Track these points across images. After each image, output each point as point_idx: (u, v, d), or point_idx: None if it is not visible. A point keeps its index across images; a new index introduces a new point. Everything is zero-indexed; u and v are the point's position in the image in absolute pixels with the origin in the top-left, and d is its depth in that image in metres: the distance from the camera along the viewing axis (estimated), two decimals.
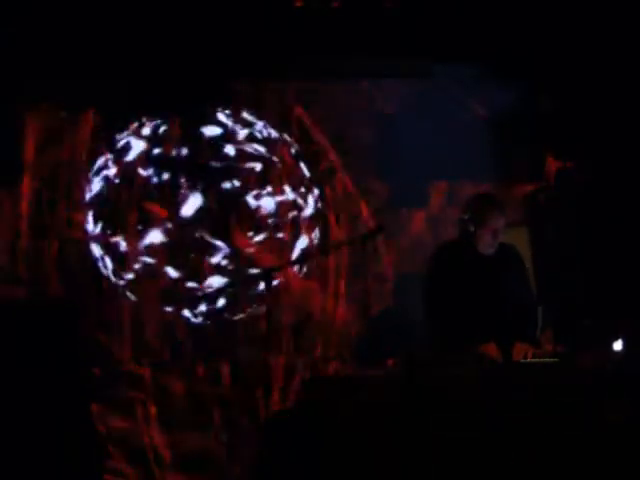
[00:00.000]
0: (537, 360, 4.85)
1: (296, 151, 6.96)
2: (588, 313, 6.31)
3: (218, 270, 6.69)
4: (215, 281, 6.67)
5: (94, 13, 6.30)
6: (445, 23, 6.50)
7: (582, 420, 4.45)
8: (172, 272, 6.72)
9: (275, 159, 6.87)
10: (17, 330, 5.92)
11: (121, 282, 6.76)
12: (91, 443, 5.97)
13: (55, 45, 6.44)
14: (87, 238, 6.76)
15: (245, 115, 6.95)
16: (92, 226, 6.79)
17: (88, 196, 6.82)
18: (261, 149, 6.88)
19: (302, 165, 6.95)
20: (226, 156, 6.81)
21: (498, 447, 4.42)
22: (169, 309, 6.75)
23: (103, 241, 6.77)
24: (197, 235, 6.72)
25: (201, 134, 6.83)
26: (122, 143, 6.85)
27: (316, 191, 6.95)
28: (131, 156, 6.81)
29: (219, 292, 6.64)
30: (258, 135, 6.92)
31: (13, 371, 5.80)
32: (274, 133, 6.95)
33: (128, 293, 6.75)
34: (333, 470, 4.47)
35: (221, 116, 6.90)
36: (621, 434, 4.43)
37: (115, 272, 6.76)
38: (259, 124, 6.96)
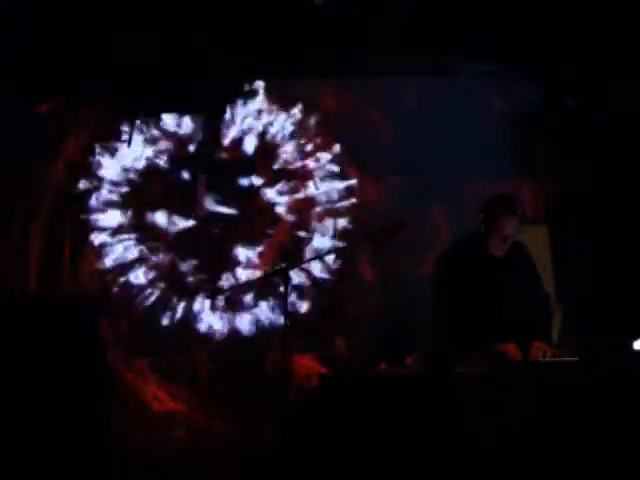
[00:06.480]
0: (556, 359, 4.84)
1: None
2: (606, 312, 6.29)
3: None
4: None
5: (112, 5, 6.32)
6: (469, 21, 6.49)
7: (601, 419, 4.44)
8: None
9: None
10: (35, 326, 5.91)
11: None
12: (102, 439, 5.95)
13: (73, 39, 6.46)
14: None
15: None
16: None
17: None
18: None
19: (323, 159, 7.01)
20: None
21: (519, 446, 4.43)
22: None
23: None
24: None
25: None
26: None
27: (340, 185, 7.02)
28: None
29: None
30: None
31: (30, 367, 5.79)
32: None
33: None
34: (350, 466, 4.48)
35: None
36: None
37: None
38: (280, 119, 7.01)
